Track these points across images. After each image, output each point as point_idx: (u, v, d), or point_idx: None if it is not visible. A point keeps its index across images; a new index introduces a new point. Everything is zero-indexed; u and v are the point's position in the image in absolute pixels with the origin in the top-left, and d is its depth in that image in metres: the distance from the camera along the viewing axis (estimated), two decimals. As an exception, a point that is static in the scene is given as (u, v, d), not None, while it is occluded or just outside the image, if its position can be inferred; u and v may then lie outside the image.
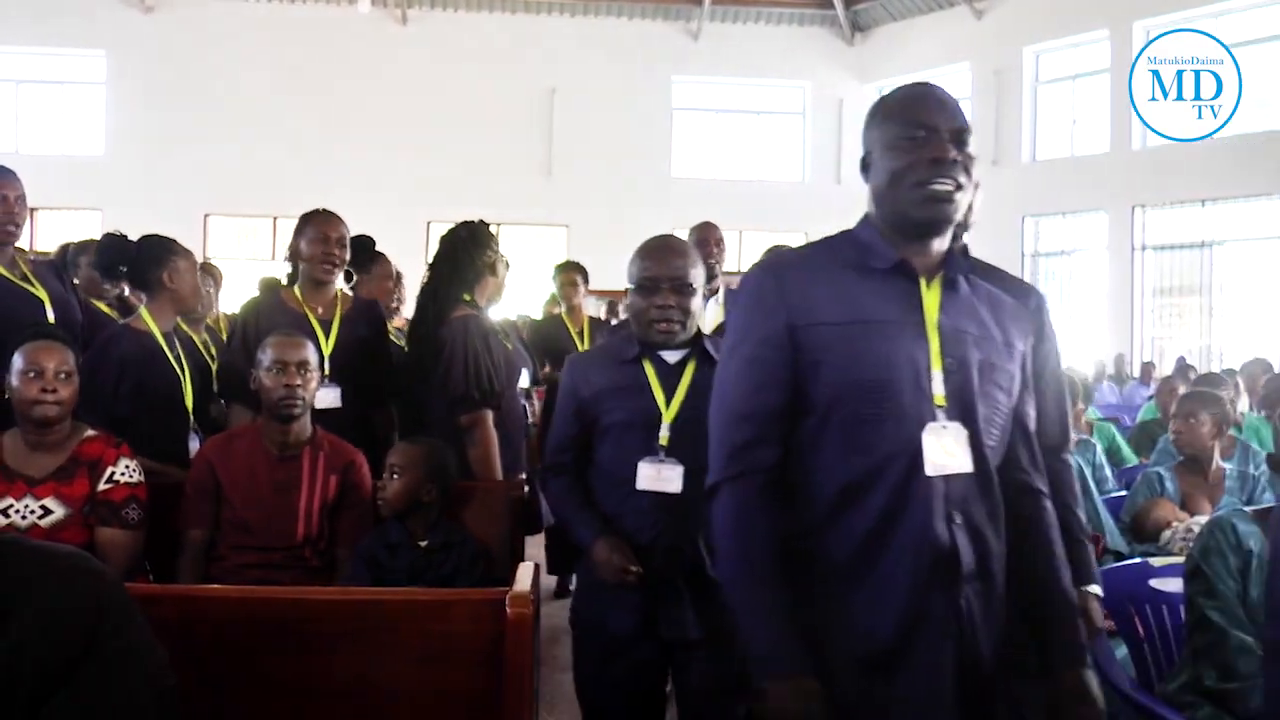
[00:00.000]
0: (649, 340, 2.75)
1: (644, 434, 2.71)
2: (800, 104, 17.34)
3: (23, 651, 1.55)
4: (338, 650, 2.15)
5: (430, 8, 16.44)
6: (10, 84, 16.01)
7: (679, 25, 16.86)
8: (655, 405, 2.72)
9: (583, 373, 2.85)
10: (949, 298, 1.90)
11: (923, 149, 1.83)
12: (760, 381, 1.85)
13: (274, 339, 3.27)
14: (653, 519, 2.67)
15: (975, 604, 1.84)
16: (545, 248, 15.67)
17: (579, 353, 3.00)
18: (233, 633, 2.13)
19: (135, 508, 3.01)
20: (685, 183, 16.13)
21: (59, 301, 3.78)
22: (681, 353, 2.78)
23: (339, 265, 3.82)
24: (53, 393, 2.92)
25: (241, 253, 15.32)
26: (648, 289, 2.72)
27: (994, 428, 1.89)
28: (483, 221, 4.02)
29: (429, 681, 2.16)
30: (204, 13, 15.87)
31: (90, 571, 1.68)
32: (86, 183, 14.60)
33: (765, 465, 1.84)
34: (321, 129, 15.44)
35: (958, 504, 1.83)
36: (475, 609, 2.19)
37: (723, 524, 1.85)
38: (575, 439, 2.84)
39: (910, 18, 16.68)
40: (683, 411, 2.70)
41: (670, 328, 2.71)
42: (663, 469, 2.67)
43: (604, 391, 2.77)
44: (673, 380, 2.74)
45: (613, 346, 2.94)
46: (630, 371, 2.77)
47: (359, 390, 3.79)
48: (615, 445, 2.75)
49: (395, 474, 3.14)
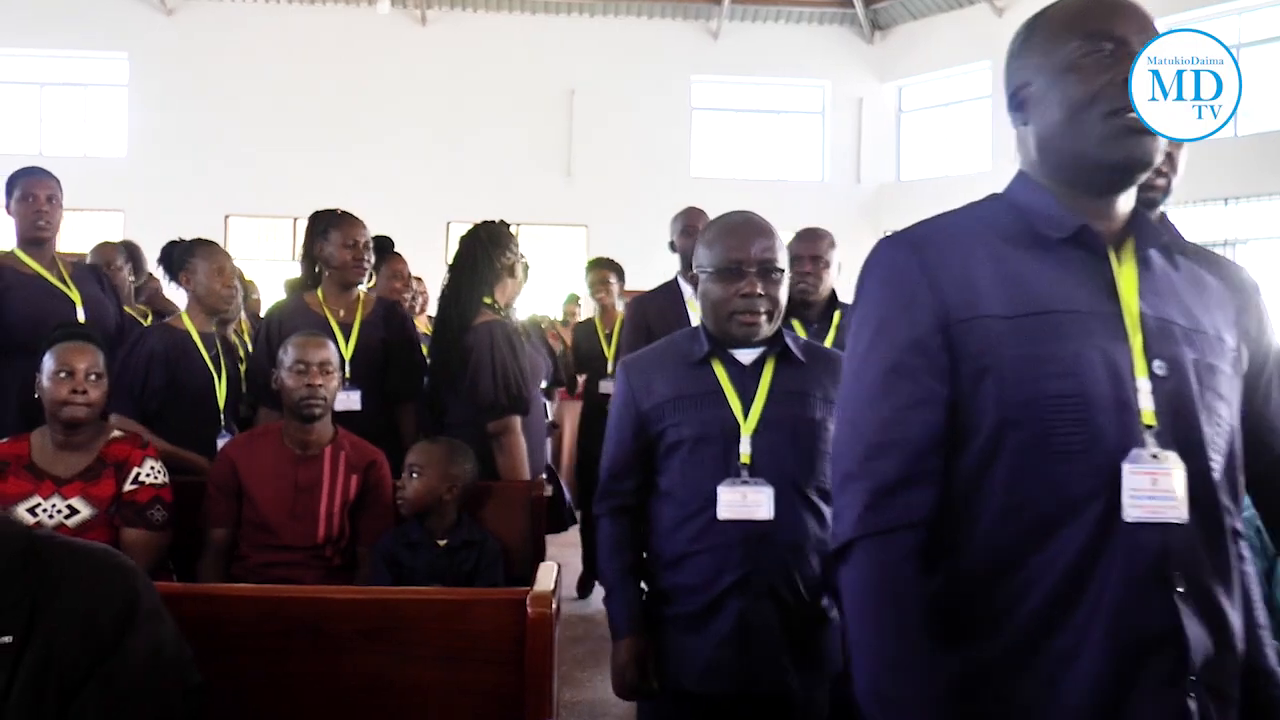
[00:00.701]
0: (727, 336, 2.37)
1: (721, 450, 2.31)
2: (820, 103, 17.28)
3: (54, 644, 1.58)
4: (359, 649, 2.16)
5: (450, 9, 16.45)
6: (34, 87, 16.10)
7: (698, 25, 16.82)
8: (731, 415, 2.32)
9: (642, 379, 2.42)
10: (1145, 277, 1.44)
11: (1115, 68, 1.39)
12: (907, 399, 1.39)
13: (295, 339, 3.29)
14: (739, 554, 2.27)
15: (1211, 712, 1.34)
16: (564, 248, 15.69)
17: (633, 355, 2.53)
18: (254, 632, 2.14)
19: (160, 509, 3.03)
20: (705, 182, 16.08)
21: (92, 304, 3.86)
22: (756, 351, 2.39)
23: (368, 268, 3.86)
24: (83, 394, 2.95)
25: (261, 253, 15.36)
26: (729, 274, 2.32)
27: (1218, 453, 1.40)
28: (502, 222, 4.02)
29: (450, 681, 2.17)
30: (224, 15, 15.93)
31: (121, 568, 1.71)
32: (109, 184, 14.66)
33: (919, 515, 1.37)
34: (341, 130, 15.47)
35: (1179, 564, 1.33)
36: (496, 608, 2.19)
37: (862, 599, 1.39)
38: (637, 461, 2.42)
39: (930, 16, 16.60)
40: (765, 420, 2.32)
41: (756, 320, 2.32)
42: (748, 492, 2.27)
43: (669, 401, 2.36)
44: (749, 384, 2.36)
45: (676, 345, 2.48)
46: (699, 375, 2.37)
47: (380, 392, 3.81)
48: (686, 466, 2.34)
49: (415, 473, 3.15)
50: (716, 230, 2.41)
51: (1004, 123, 1.52)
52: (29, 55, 15.96)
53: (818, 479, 2.33)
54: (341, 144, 15.36)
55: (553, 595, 2.20)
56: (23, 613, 1.58)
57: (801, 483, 2.32)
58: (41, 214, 3.81)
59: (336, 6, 16.18)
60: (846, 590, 1.42)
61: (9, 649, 1.56)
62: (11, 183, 3.87)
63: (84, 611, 1.60)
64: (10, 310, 3.71)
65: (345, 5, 16.16)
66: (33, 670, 1.56)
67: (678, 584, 2.35)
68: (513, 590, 2.28)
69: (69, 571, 1.64)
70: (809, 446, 2.34)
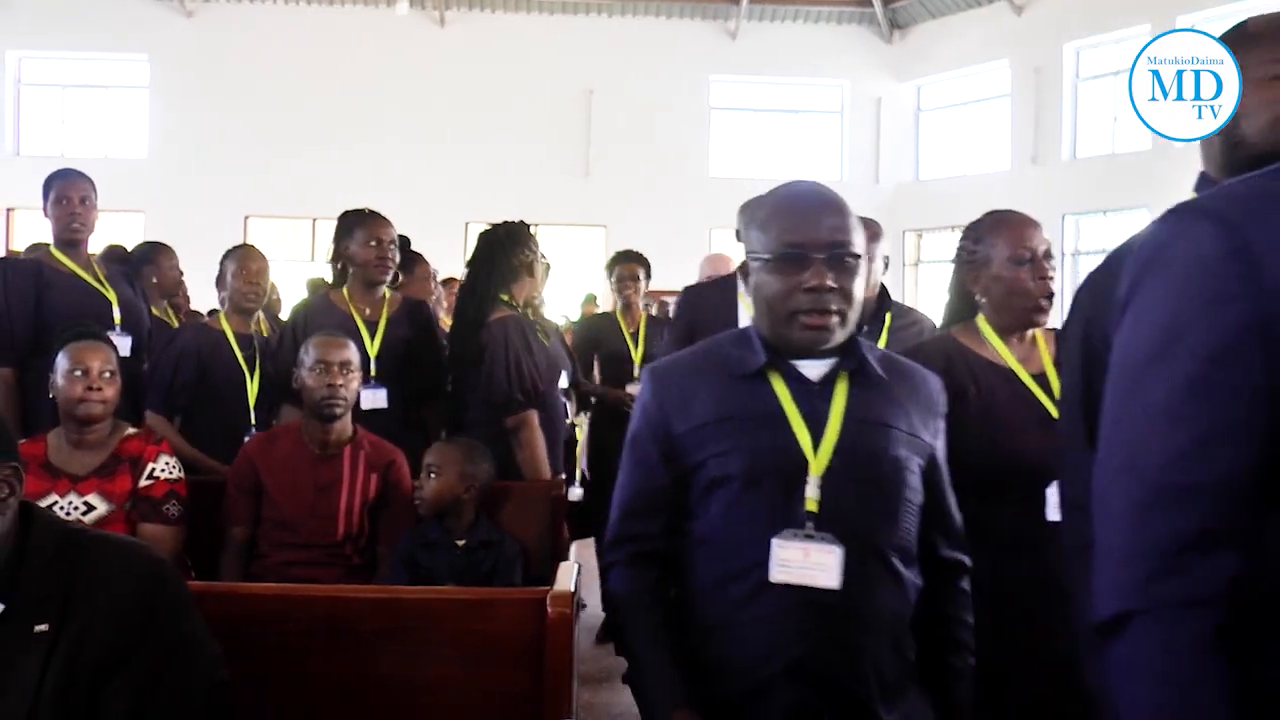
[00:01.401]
0: (786, 342, 1.83)
1: (779, 492, 1.78)
2: (838, 103, 17.24)
3: (87, 633, 1.62)
4: (378, 648, 2.16)
5: (468, 9, 16.48)
6: (56, 89, 16.22)
7: (717, 25, 16.81)
8: (795, 446, 1.79)
9: (677, 393, 1.88)
10: None
11: None
12: (1214, 426, 1.04)
13: (317, 339, 3.30)
14: (794, 629, 1.74)
15: None
16: (583, 248, 15.70)
17: (666, 362, 2.04)
18: (274, 630, 2.15)
19: (175, 503, 3.05)
20: (723, 182, 16.03)
21: (127, 305, 3.96)
22: (825, 364, 1.85)
23: (392, 266, 3.88)
24: (98, 391, 2.98)
25: (281, 254, 15.40)
26: (789, 262, 1.78)
27: None
28: (522, 222, 4.02)
29: (469, 680, 2.17)
30: (244, 17, 16.00)
31: (152, 561, 1.75)
32: (130, 185, 14.71)
33: (1225, 584, 1.02)
34: (360, 130, 15.51)
35: None
36: (516, 608, 2.19)
37: (1148, 686, 1.05)
38: (665, 497, 1.88)
39: (949, 15, 16.53)
40: (839, 455, 1.79)
41: (825, 323, 1.78)
42: (812, 549, 1.73)
43: (713, 424, 1.83)
44: (817, 406, 1.82)
45: (721, 352, 1.93)
46: (752, 392, 1.84)
47: (406, 390, 3.83)
48: (732, 509, 1.80)
49: (432, 474, 3.16)
50: (773, 205, 1.88)
51: (1023, 121, 1.50)
52: (51, 58, 16.10)
53: (899, 537, 1.83)
54: (360, 145, 15.40)
55: (573, 596, 2.20)
56: (57, 602, 1.62)
57: (880, 541, 1.80)
58: (75, 215, 3.90)
59: (355, 8, 16.23)
60: (1120, 676, 1.08)
61: (44, 636, 1.60)
62: (47, 185, 3.96)
63: (117, 602, 1.64)
64: (49, 309, 3.79)
65: (364, 7, 16.21)
66: (66, 657, 1.60)
67: (711, 662, 1.80)
68: (532, 590, 2.28)
69: (102, 563, 1.68)
70: (891, 494, 1.83)
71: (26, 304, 3.79)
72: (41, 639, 1.59)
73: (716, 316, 3.64)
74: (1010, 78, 15.73)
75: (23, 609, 1.61)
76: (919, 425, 1.89)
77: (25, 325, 3.77)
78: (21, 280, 3.83)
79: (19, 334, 3.77)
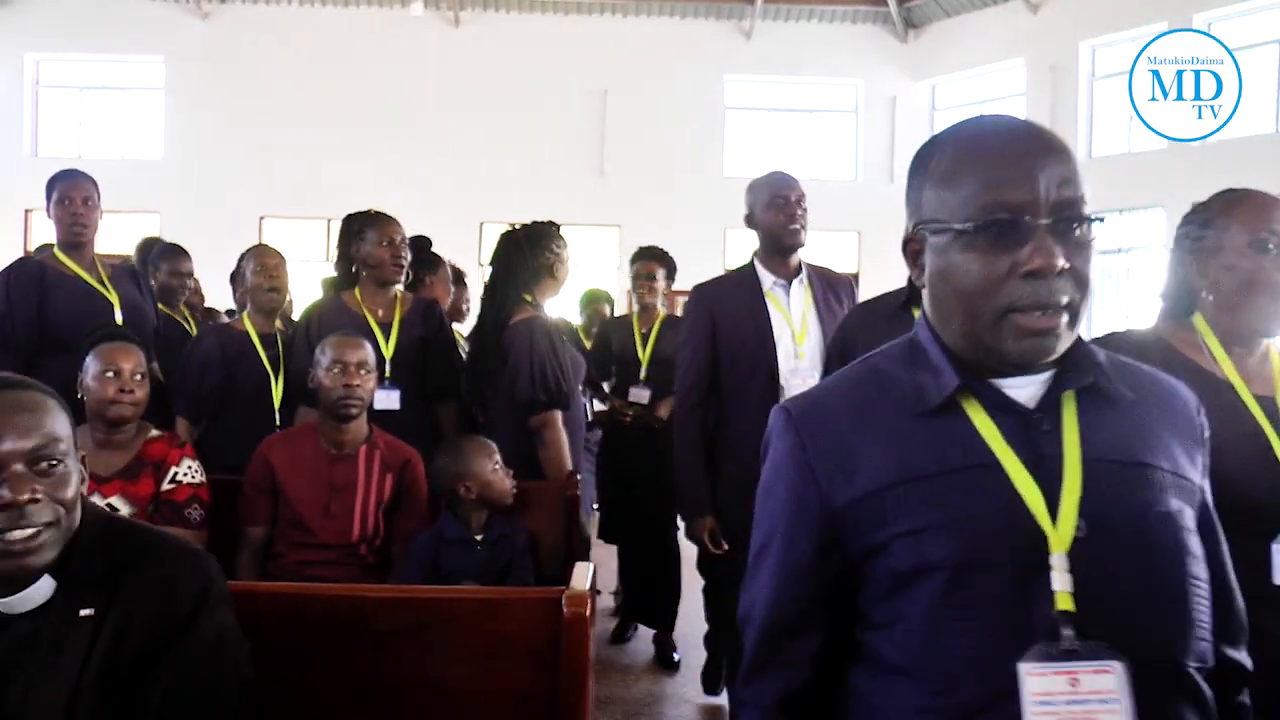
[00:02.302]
0: (991, 354, 1.24)
1: (1011, 586, 1.17)
2: (853, 102, 17.19)
3: (131, 621, 1.63)
4: (394, 648, 2.16)
5: (483, 9, 16.49)
6: (73, 91, 16.28)
7: (731, 24, 16.78)
8: (1023, 509, 1.19)
9: (831, 446, 1.28)
10: None
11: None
12: None
13: (333, 339, 3.31)
14: None
15: None
16: (597, 248, 15.69)
17: (803, 401, 1.36)
18: (290, 629, 2.15)
19: (197, 507, 3.06)
20: (738, 182, 15.88)
21: (130, 306, 3.95)
22: (1042, 380, 1.27)
23: (405, 266, 3.89)
24: (129, 393, 3.01)
25: (296, 254, 15.43)
26: (1000, 233, 1.20)
27: None
28: (551, 222, 4.01)
29: (485, 680, 2.17)
30: (259, 18, 16.04)
31: (197, 553, 1.77)
32: (145, 186, 14.77)
33: None
34: (374, 131, 15.53)
35: None
36: (532, 607, 2.19)
37: None
38: (820, 603, 1.29)
39: (964, 13, 16.48)
40: (1089, 520, 1.18)
41: (1055, 325, 1.20)
42: (1082, 674, 1.13)
43: (894, 488, 1.23)
44: (1042, 446, 1.23)
45: (887, 378, 1.32)
46: (944, 434, 1.24)
47: (420, 391, 3.83)
48: (939, 616, 1.18)
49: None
50: (961, 151, 1.27)
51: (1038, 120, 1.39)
52: (68, 60, 16.16)
53: (1195, 636, 1.21)
54: (375, 145, 15.43)
55: (589, 594, 2.20)
56: (104, 589, 1.64)
57: (1173, 647, 1.19)
58: (78, 217, 3.90)
59: (370, 9, 16.25)
60: None
61: (89, 621, 1.62)
62: (50, 186, 3.96)
63: (161, 591, 1.66)
64: (52, 309, 3.82)
65: (378, 7, 16.23)
66: (110, 644, 1.62)
67: None
68: (548, 589, 2.27)
69: (148, 553, 1.70)
70: (1173, 570, 1.22)
71: (28, 306, 3.82)
72: (87, 623, 1.62)
73: (735, 316, 3.55)
74: (1025, 76, 15.67)
75: (70, 593, 1.64)
76: (1184, 461, 1.29)
77: (27, 328, 3.82)
78: (23, 283, 3.86)
79: (21, 336, 3.81)
